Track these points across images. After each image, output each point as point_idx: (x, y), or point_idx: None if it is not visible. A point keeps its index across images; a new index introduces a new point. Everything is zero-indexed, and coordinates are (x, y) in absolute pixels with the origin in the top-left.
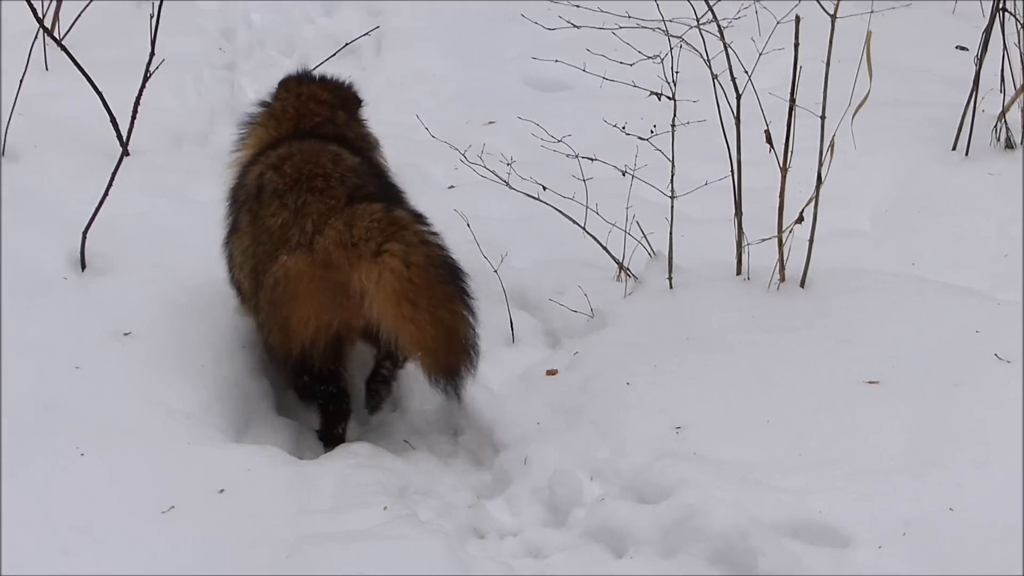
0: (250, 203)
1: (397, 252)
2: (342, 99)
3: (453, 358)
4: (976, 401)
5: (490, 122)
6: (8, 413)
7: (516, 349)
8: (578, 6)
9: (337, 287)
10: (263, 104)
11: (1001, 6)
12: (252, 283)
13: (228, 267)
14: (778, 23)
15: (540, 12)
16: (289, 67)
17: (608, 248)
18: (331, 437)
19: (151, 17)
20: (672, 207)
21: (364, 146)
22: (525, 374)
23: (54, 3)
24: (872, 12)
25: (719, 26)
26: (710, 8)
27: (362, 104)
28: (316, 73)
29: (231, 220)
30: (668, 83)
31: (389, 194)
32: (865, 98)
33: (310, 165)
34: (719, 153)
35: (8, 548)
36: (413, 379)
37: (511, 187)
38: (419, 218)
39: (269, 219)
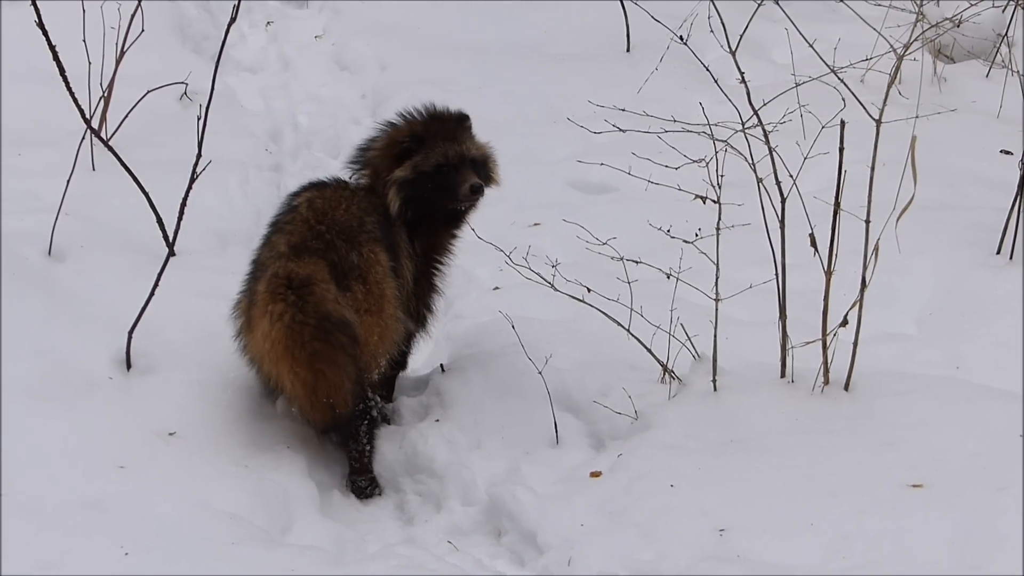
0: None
1: (271, 312)
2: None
3: (315, 414)
4: (1021, 506)
5: (535, 224)
6: (54, 512)
7: (560, 450)
8: (623, 109)
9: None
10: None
11: None
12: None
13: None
14: (823, 127)
15: (586, 115)
16: (336, 168)
17: (652, 350)
18: (356, 488)
19: (198, 119)
20: (716, 310)
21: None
22: (569, 475)
23: (101, 103)
24: (917, 117)
25: (764, 130)
26: (755, 112)
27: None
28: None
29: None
30: (713, 186)
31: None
32: (909, 202)
33: (319, 209)
34: (764, 256)
35: None
36: (453, 481)
37: (556, 289)
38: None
39: (263, 253)
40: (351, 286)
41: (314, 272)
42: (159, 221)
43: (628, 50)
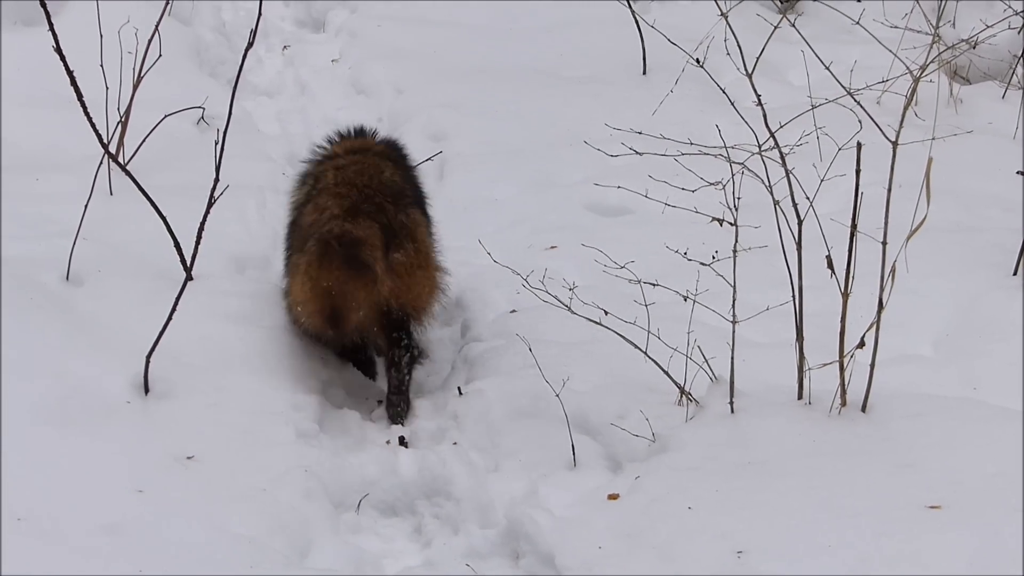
0: (302, 200)
1: (313, 251)
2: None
3: (327, 307)
4: None
5: (552, 247)
6: (72, 536)
7: (577, 473)
8: (640, 132)
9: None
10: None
11: None
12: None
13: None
14: (840, 149)
15: (602, 138)
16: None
17: (670, 373)
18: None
19: (216, 143)
20: (734, 332)
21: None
22: (587, 498)
23: (119, 128)
24: (933, 139)
25: (781, 152)
26: (772, 135)
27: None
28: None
29: (291, 213)
30: (730, 209)
31: (395, 205)
32: (920, 223)
33: (353, 177)
34: (780, 278)
35: None
36: (471, 504)
37: (573, 312)
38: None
39: (304, 220)
40: (403, 244)
41: (368, 236)
42: (177, 245)
43: (644, 73)
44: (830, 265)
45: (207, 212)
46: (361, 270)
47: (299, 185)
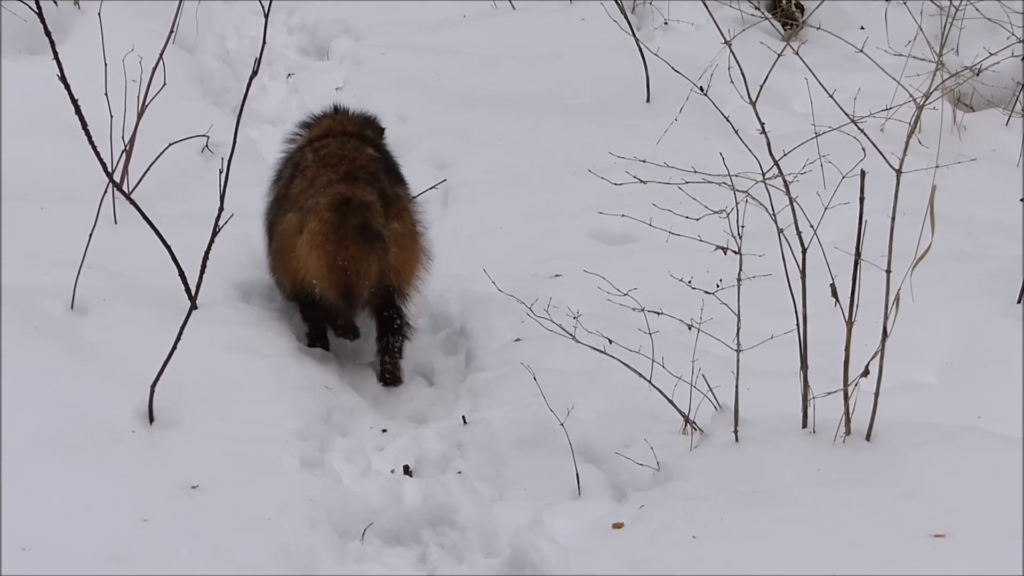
0: (286, 179)
1: (322, 217)
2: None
3: (342, 284)
4: None
5: (556, 275)
6: (76, 565)
7: (582, 502)
8: (644, 160)
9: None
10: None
11: None
12: (269, 238)
13: (265, 230)
14: (844, 177)
15: (606, 166)
16: None
17: (674, 401)
18: (312, 341)
19: (220, 171)
20: (738, 360)
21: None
22: (591, 527)
23: (123, 157)
24: (937, 167)
25: (785, 181)
26: (776, 163)
27: (384, 130)
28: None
29: (273, 194)
30: (734, 237)
31: (386, 177)
32: (925, 252)
33: (337, 152)
34: (785, 306)
35: None
36: (475, 533)
37: (577, 340)
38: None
39: (293, 189)
40: (400, 215)
41: (372, 201)
42: (181, 274)
43: (648, 100)
44: (834, 293)
45: (212, 240)
46: (374, 241)
47: (279, 169)
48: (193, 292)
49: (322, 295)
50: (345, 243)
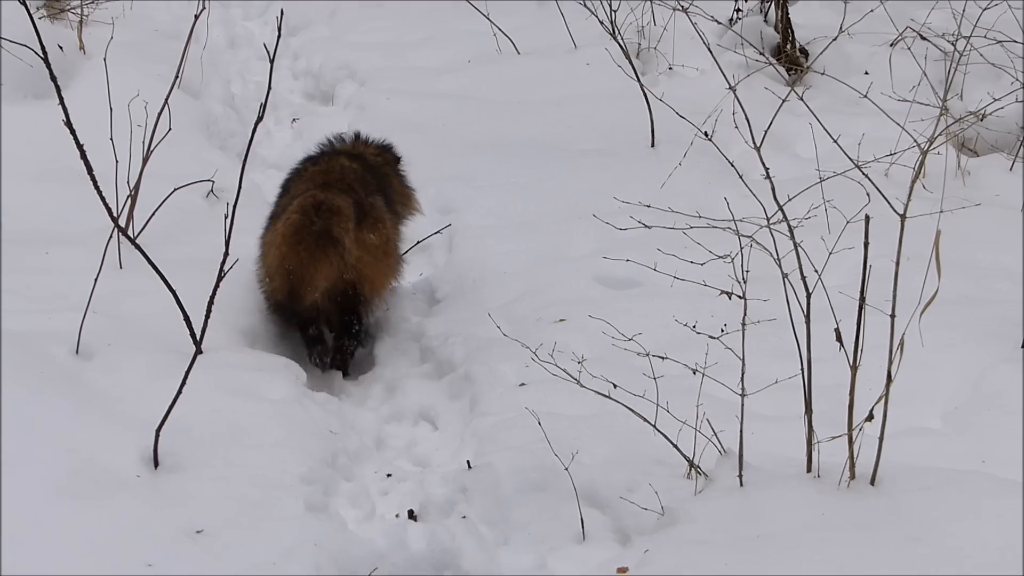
0: (278, 199)
1: (289, 218)
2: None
3: (287, 285)
4: None
5: (561, 320)
6: None
7: (587, 546)
8: (649, 205)
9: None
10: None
11: None
12: (259, 249)
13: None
14: (848, 222)
15: (611, 211)
16: None
17: (678, 446)
18: (312, 361)
19: (225, 216)
20: (742, 405)
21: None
22: (596, 571)
23: (128, 202)
24: (941, 212)
25: (789, 225)
26: (780, 208)
27: (400, 159)
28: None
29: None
30: (738, 282)
31: (364, 188)
32: (932, 298)
33: (324, 167)
34: (789, 351)
35: None
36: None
37: (582, 385)
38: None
39: (278, 204)
40: (375, 226)
41: (344, 207)
42: (186, 319)
43: (653, 145)
44: (839, 338)
45: (217, 285)
46: (328, 247)
47: (279, 193)
48: (198, 337)
49: (273, 293)
50: (298, 247)
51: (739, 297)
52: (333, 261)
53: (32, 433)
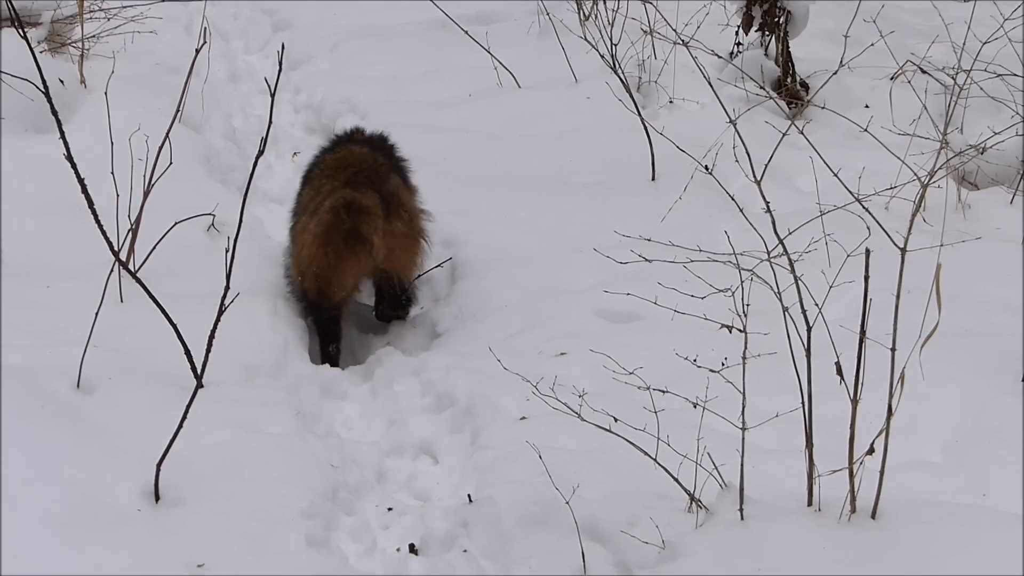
0: (299, 192)
1: (322, 219)
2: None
3: (321, 289)
4: None
5: (562, 353)
6: None
7: None
8: (649, 239)
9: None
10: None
11: None
12: (290, 242)
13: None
14: (848, 256)
15: (611, 244)
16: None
17: (679, 479)
18: (325, 354)
19: (226, 250)
20: (743, 438)
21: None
22: None
23: (129, 236)
24: (942, 245)
25: (790, 259)
26: (780, 241)
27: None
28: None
29: (293, 208)
30: (739, 315)
31: (380, 179)
32: (933, 331)
33: (343, 160)
34: (790, 385)
35: None
36: None
37: (583, 419)
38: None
39: (304, 199)
40: (399, 214)
41: (372, 206)
42: (187, 353)
43: (653, 179)
44: (839, 372)
45: (217, 319)
46: (357, 245)
47: (300, 186)
48: (199, 371)
49: (305, 291)
50: (327, 248)
51: (740, 331)
52: (362, 259)
53: (33, 467)
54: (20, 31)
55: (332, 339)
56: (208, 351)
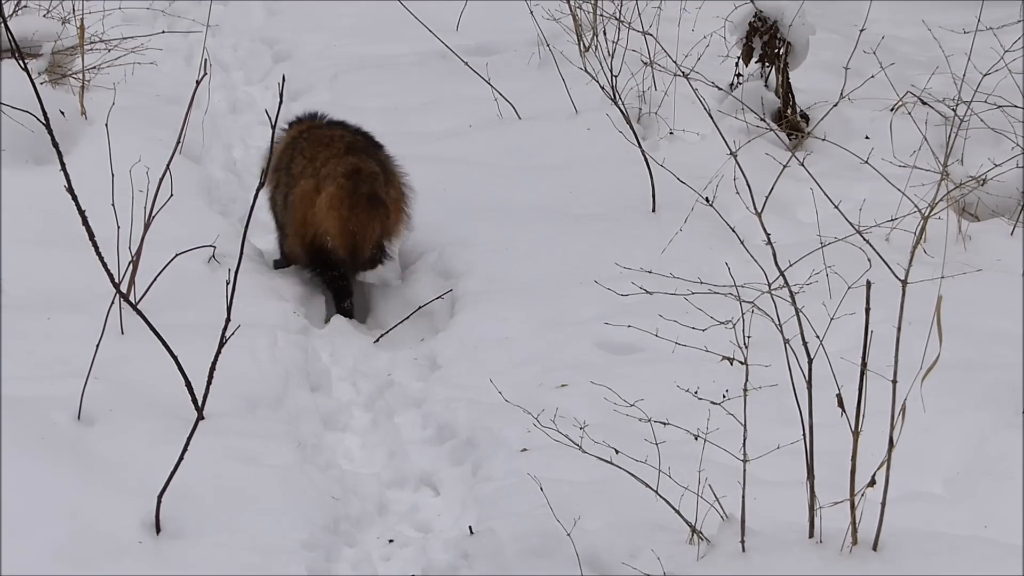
0: (285, 166)
1: (341, 183)
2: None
3: (355, 247)
4: None
5: (562, 385)
6: None
7: None
8: (650, 271)
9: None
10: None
11: None
12: (283, 209)
13: (271, 211)
14: (849, 288)
15: (612, 276)
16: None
17: (681, 511)
18: (341, 309)
19: (227, 282)
20: (744, 470)
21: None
22: None
23: (130, 267)
24: (943, 277)
25: (791, 291)
26: (781, 273)
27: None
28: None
29: (275, 180)
30: (740, 347)
31: (371, 149)
32: (934, 363)
33: (327, 136)
34: (791, 416)
35: None
36: None
37: (584, 451)
38: (374, 164)
39: (295, 169)
40: (394, 182)
41: (377, 171)
42: (188, 385)
43: (654, 210)
44: (840, 404)
45: (218, 351)
46: (378, 207)
47: (277, 158)
48: (200, 403)
49: (333, 249)
50: (356, 209)
51: (741, 363)
52: (382, 219)
53: (33, 498)
54: (21, 62)
55: (346, 294)
56: (209, 383)
